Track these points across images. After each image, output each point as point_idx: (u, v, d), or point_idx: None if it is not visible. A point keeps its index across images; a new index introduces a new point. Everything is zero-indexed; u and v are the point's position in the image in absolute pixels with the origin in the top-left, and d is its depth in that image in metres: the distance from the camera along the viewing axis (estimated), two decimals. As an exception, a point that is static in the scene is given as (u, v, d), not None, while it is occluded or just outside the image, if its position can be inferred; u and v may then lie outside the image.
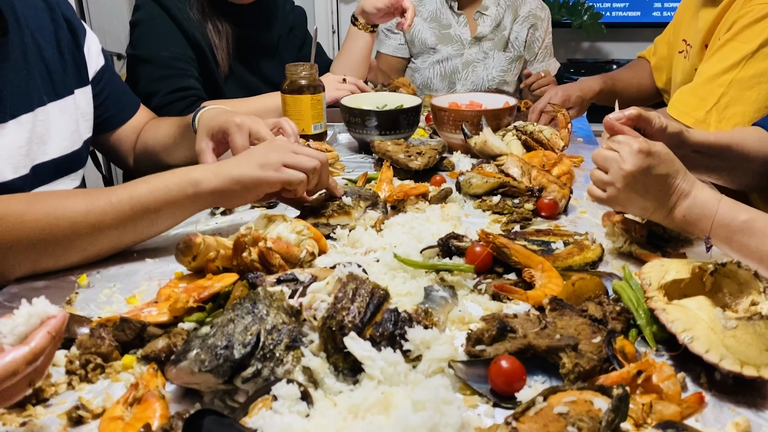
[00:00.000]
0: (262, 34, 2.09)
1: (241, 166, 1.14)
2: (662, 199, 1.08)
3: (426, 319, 0.91)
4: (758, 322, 0.83)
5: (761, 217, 1.03)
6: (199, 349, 0.79)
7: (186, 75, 1.83)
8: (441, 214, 1.30)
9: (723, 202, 1.05)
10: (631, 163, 1.06)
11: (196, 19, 1.90)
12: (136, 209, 1.11)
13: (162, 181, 1.13)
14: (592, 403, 0.71)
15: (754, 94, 1.49)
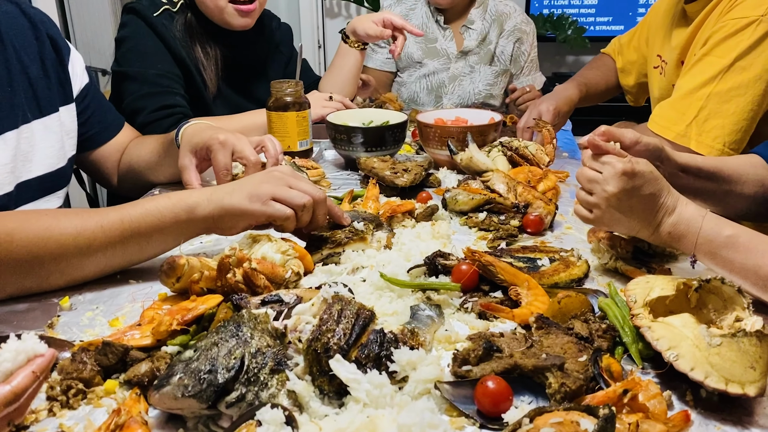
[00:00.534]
0: (250, 54, 2.10)
1: (232, 195, 1.11)
2: (648, 217, 1.08)
3: (412, 340, 0.91)
4: (742, 339, 0.83)
5: (745, 232, 1.04)
6: (183, 373, 0.78)
7: (172, 92, 1.83)
8: (431, 231, 1.30)
9: (707, 218, 1.06)
10: (614, 185, 1.07)
11: (183, 40, 1.90)
12: (126, 233, 1.09)
13: (155, 205, 1.11)
14: (578, 424, 0.71)
15: (732, 107, 1.51)
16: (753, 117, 1.51)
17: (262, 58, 2.16)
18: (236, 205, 1.10)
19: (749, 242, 1.02)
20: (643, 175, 1.06)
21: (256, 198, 1.11)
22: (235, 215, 1.11)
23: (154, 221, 1.10)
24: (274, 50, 2.22)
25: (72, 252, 1.06)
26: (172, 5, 1.90)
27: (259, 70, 2.14)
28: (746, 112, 1.50)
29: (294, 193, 1.12)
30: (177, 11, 1.90)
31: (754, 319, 0.91)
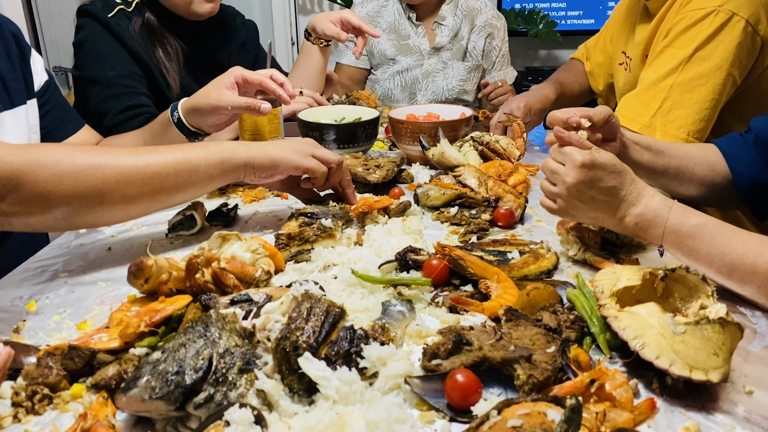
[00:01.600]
0: (214, 51, 2.07)
1: (275, 147, 1.28)
2: (610, 209, 1.10)
3: (383, 335, 0.91)
4: (705, 327, 0.85)
5: (711, 221, 1.06)
6: (150, 375, 0.77)
7: (135, 92, 1.80)
8: (402, 227, 1.30)
9: (674, 208, 1.07)
10: (573, 176, 1.08)
11: (142, 42, 1.87)
12: (222, 170, 1.22)
13: (220, 149, 1.23)
14: (545, 414, 0.72)
15: (694, 96, 1.55)
16: (715, 106, 1.54)
17: (226, 52, 2.13)
18: (281, 155, 1.27)
19: (714, 230, 1.04)
20: (604, 167, 1.07)
21: (299, 152, 1.30)
22: (276, 164, 1.27)
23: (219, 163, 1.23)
24: (239, 48, 2.20)
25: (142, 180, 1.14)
26: (127, 5, 1.86)
27: (224, 65, 2.11)
28: (708, 101, 1.53)
29: (328, 153, 1.34)
30: (132, 11, 1.87)
31: (717, 306, 0.93)
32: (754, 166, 1.31)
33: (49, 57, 3.67)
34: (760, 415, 0.81)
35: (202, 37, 2.00)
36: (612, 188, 1.08)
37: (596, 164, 1.07)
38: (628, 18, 1.93)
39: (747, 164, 1.31)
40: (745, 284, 1.02)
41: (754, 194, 1.32)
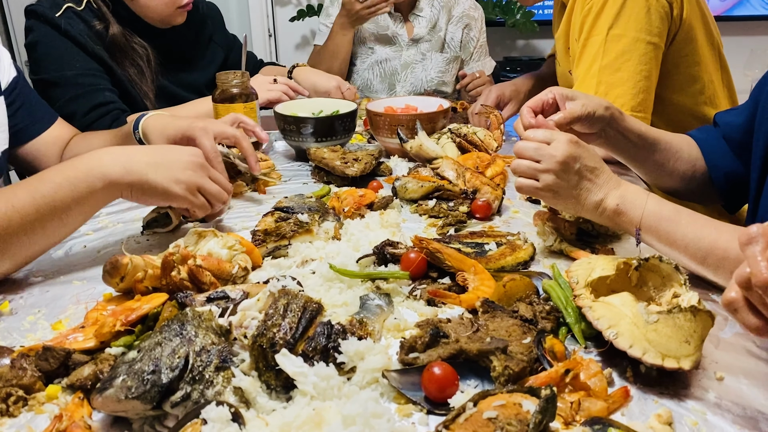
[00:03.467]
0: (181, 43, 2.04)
1: (157, 173, 1.13)
2: (592, 188, 1.11)
3: (361, 330, 0.91)
4: (677, 315, 0.86)
5: (685, 209, 1.07)
6: (126, 375, 0.76)
7: (99, 89, 1.77)
8: (380, 221, 1.30)
9: (651, 196, 1.09)
10: (563, 150, 1.09)
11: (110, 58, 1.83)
12: (43, 211, 1.06)
13: (65, 177, 1.08)
14: (521, 405, 0.73)
15: (623, 74, 1.58)
16: (647, 76, 1.57)
17: (193, 44, 2.10)
18: (161, 185, 1.13)
19: (689, 216, 1.06)
20: (587, 147, 1.11)
21: (183, 184, 1.15)
22: (155, 194, 1.14)
23: (68, 194, 1.08)
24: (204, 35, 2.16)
25: None
26: (77, 3, 1.80)
27: (192, 57, 2.09)
28: (638, 73, 1.57)
29: (215, 189, 1.20)
30: (84, 10, 1.81)
31: (690, 294, 0.94)
32: (726, 158, 1.33)
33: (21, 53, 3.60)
34: (730, 401, 0.83)
35: (172, 38, 1.97)
36: (594, 168, 1.10)
37: (580, 143, 1.11)
38: (555, 12, 1.99)
39: (720, 156, 1.33)
40: (718, 270, 1.03)
41: (727, 186, 1.34)
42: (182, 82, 2.03)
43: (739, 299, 0.69)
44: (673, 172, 1.33)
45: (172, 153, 1.18)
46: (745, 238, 0.68)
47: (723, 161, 1.33)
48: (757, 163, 1.23)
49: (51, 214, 1.07)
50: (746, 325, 0.70)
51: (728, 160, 1.32)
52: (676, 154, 1.33)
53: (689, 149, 1.35)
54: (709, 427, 0.79)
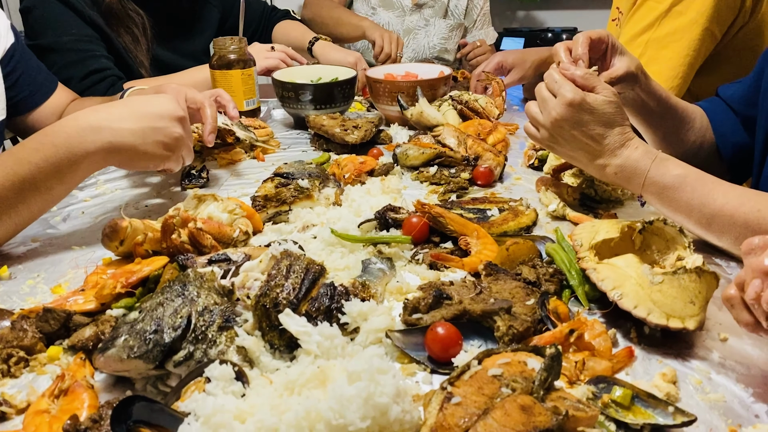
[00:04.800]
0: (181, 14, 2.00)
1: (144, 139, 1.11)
2: (591, 153, 1.09)
3: (363, 292, 0.91)
4: (682, 276, 0.86)
5: (693, 172, 1.05)
6: (128, 335, 0.76)
7: (95, 56, 1.74)
8: (381, 186, 1.29)
9: (657, 160, 1.06)
10: (558, 112, 1.06)
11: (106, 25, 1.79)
12: (25, 190, 1.03)
13: (42, 156, 1.04)
14: (525, 363, 0.72)
15: (669, 52, 1.53)
16: (691, 63, 1.53)
17: (188, 8, 2.06)
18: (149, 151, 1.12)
19: (695, 181, 1.04)
20: (592, 111, 1.05)
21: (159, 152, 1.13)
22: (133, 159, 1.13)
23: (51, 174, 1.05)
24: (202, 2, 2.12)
25: None
26: None
27: (188, 21, 2.04)
28: (682, 57, 1.52)
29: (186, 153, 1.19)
30: None
31: (694, 257, 0.94)
32: (733, 127, 1.31)
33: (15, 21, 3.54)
34: (734, 361, 0.83)
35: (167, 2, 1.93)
36: (596, 135, 1.06)
37: (585, 107, 1.05)
38: None
39: (727, 126, 1.32)
40: (723, 235, 1.02)
41: (734, 158, 1.32)
42: (179, 50, 1.99)
43: (736, 297, 0.73)
44: (682, 141, 1.31)
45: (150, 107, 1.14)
46: (746, 247, 0.72)
47: (730, 131, 1.31)
48: (761, 134, 1.21)
49: (32, 193, 1.05)
50: (740, 321, 0.74)
51: (735, 130, 1.31)
52: (688, 124, 1.31)
53: (701, 120, 1.33)
54: (713, 385, 0.79)
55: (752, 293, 0.68)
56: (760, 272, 0.67)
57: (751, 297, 0.68)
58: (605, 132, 1.07)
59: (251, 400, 0.68)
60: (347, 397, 0.64)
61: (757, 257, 0.70)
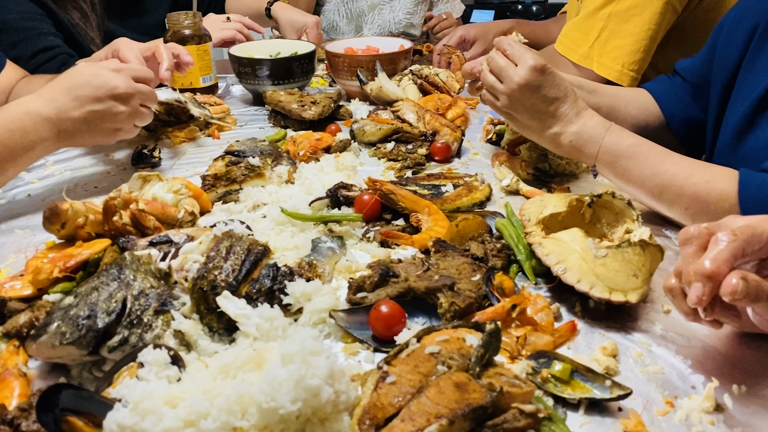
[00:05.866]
0: None
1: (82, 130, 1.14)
2: (549, 120, 1.09)
3: (309, 272, 0.90)
4: (626, 249, 0.86)
5: (645, 143, 1.05)
6: (61, 321, 0.74)
7: (42, 34, 1.68)
8: (335, 164, 1.27)
9: (611, 129, 1.07)
10: (522, 77, 1.07)
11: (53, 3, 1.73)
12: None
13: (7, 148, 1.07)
14: (464, 340, 0.72)
15: (630, 26, 1.52)
16: (652, 37, 1.52)
17: None
18: None
19: (648, 151, 1.04)
20: (553, 75, 1.07)
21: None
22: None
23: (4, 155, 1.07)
24: None
25: None
26: None
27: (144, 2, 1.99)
28: (644, 32, 1.51)
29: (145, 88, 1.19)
30: None
31: (642, 230, 0.94)
32: (683, 105, 1.31)
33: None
34: (675, 332, 0.84)
35: None
36: (555, 99, 1.07)
37: (547, 71, 1.07)
38: None
39: (676, 104, 1.32)
40: (673, 206, 1.03)
41: (686, 133, 1.33)
42: (133, 26, 1.94)
43: (676, 288, 0.73)
44: (626, 118, 1.30)
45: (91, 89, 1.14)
46: (682, 237, 0.72)
47: (680, 109, 1.31)
48: (714, 104, 1.22)
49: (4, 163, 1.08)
50: (680, 310, 0.74)
51: (686, 108, 1.31)
52: (625, 100, 1.31)
53: (639, 96, 1.33)
54: (653, 357, 0.80)
55: (694, 298, 0.67)
56: (701, 276, 0.67)
57: (693, 302, 0.68)
58: (563, 96, 1.08)
59: (185, 385, 0.67)
60: (279, 380, 0.63)
61: (695, 256, 0.69)
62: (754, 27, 1.11)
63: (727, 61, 1.17)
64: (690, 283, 0.69)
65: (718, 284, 0.66)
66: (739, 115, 1.09)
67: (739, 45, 1.14)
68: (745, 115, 1.07)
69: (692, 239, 0.71)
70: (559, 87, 1.08)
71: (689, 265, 0.70)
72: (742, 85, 1.13)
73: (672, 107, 1.32)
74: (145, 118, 1.22)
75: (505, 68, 1.10)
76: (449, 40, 1.95)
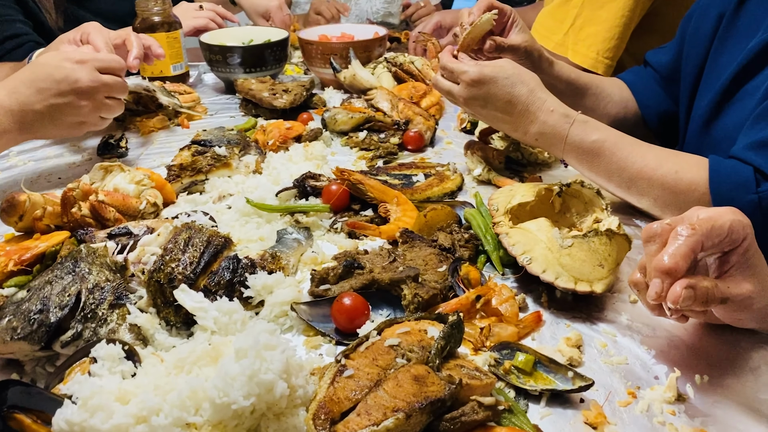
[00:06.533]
0: None
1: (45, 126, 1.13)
2: (510, 123, 1.08)
3: (272, 264, 0.88)
4: (592, 239, 0.85)
5: (611, 135, 1.04)
6: (12, 315, 0.72)
7: (8, 21, 1.63)
8: (304, 153, 1.25)
9: (574, 124, 1.04)
10: (465, 94, 1.08)
11: None
12: None
13: None
14: (426, 332, 0.71)
15: (604, 13, 1.51)
16: (626, 24, 1.51)
17: None
18: None
19: (614, 145, 1.03)
20: (495, 80, 1.05)
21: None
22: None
23: None
24: None
25: None
26: None
27: None
28: (619, 18, 1.50)
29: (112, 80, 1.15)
30: None
31: (610, 219, 0.93)
32: (657, 97, 1.31)
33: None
34: (641, 322, 0.83)
35: None
36: (506, 103, 1.05)
37: (485, 79, 1.05)
38: None
39: (651, 96, 1.31)
40: (642, 197, 1.02)
41: (659, 126, 1.32)
42: (102, 13, 1.89)
43: (641, 282, 0.73)
44: (603, 116, 1.30)
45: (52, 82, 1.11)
46: (645, 235, 0.72)
47: (654, 101, 1.31)
48: (685, 94, 1.21)
49: None
50: (645, 305, 0.74)
51: (659, 100, 1.31)
52: (606, 98, 1.31)
53: (620, 92, 1.32)
54: (617, 348, 0.79)
55: (653, 294, 0.67)
56: (660, 271, 0.66)
57: (652, 298, 0.67)
58: (514, 97, 1.05)
59: (138, 380, 0.66)
60: (232, 375, 0.61)
61: (658, 253, 0.68)
62: (720, 15, 1.10)
63: (695, 51, 1.16)
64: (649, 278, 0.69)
65: (677, 279, 0.66)
66: (706, 103, 1.09)
67: (707, 34, 1.13)
68: (712, 103, 1.07)
69: (655, 236, 0.70)
70: (504, 90, 1.05)
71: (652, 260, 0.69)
72: (709, 74, 1.13)
73: (647, 99, 1.32)
74: (112, 110, 1.18)
75: (449, 90, 1.12)
76: (425, 27, 1.93)
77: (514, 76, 1.05)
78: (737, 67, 1.04)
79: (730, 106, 1.06)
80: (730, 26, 1.09)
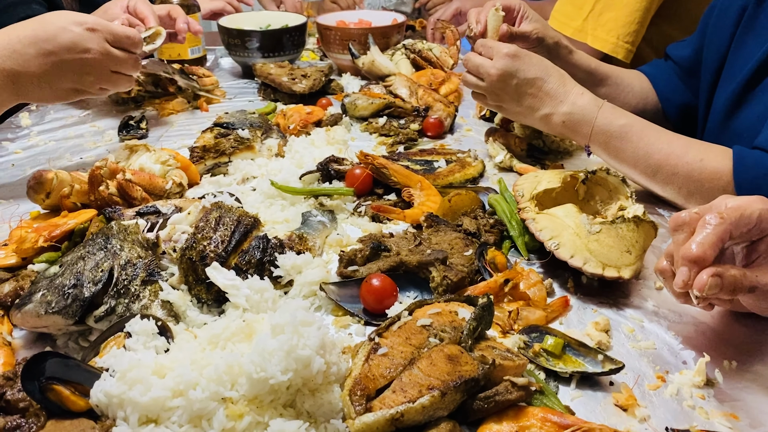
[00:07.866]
0: None
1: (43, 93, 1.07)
2: (537, 103, 1.08)
3: (300, 245, 0.89)
4: (620, 225, 0.85)
5: (638, 122, 1.04)
6: (46, 289, 0.73)
7: (25, 2, 1.63)
8: (326, 137, 1.25)
9: (603, 108, 1.05)
10: (499, 66, 1.07)
11: None
12: None
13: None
14: (456, 313, 0.72)
15: None
16: (647, 8, 1.50)
17: None
18: None
19: (641, 131, 1.03)
20: (529, 57, 1.07)
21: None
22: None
23: None
24: None
25: None
26: None
27: None
28: (638, 2, 1.50)
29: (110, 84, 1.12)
30: None
31: (635, 207, 0.94)
32: (677, 90, 1.31)
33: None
34: (667, 309, 0.83)
35: None
36: (536, 79, 1.06)
37: (521, 53, 1.07)
38: None
39: (671, 89, 1.31)
40: (667, 185, 1.02)
41: (679, 118, 1.32)
42: None
43: (667, 270, 0.73)
44: (623, 106, 1.29)
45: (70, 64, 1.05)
46: (673, 223, 0.72)
47: (675, 94, 1.31)
48: (705, 87, 1.21)
49: None
50: (671, 292, 0.74)
51: (680, 93, 1.31)
52: (626, 89, 1.31)
53: (640, 83, 1.32)
54: (644, 333, 0.79)
55: (680, 282, 0.67)
56: (687, 260, 0.66)
57: (679, 287, 0.67)
58: (545, 75, 1.07)
59: (173, 355, 0.66)
60: (269, 351, 0.62)
61: (685, 242, 0.68)
62: (742, 8, 1.10)
63: (717, 44, 1.16)
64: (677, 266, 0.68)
65: (704, 268, 0.66)
66: (728, 95, 1.08)
67: (729, 27, 1.13)
68: (734, 95, 1.07)
69: (683, 225, 0.70)
70: (538, 66, 1.08)
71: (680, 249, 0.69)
72: (730, 67, 1.12)
73: (667, 92, 1.32)
74: (118, 84, 1.12)
75: (481, 64, 1.11)
76: (444, 13, 1.92)
77: (546, 61, 1.08)
78: (759, 59, 1.04)
79: (752, 98, 1.06)
80: (753, 19, 1.09)
